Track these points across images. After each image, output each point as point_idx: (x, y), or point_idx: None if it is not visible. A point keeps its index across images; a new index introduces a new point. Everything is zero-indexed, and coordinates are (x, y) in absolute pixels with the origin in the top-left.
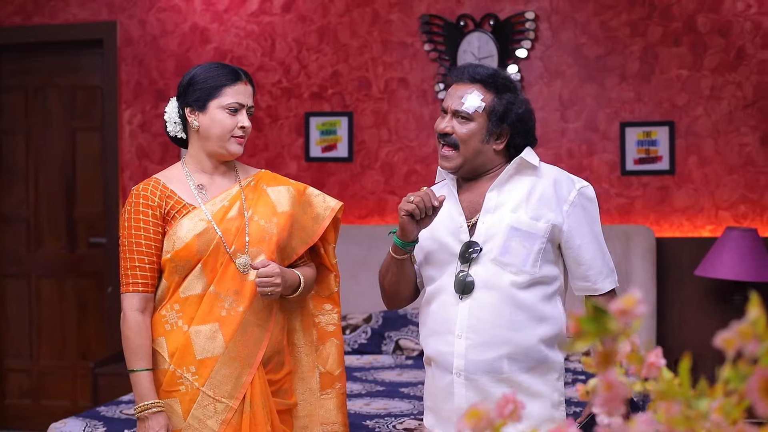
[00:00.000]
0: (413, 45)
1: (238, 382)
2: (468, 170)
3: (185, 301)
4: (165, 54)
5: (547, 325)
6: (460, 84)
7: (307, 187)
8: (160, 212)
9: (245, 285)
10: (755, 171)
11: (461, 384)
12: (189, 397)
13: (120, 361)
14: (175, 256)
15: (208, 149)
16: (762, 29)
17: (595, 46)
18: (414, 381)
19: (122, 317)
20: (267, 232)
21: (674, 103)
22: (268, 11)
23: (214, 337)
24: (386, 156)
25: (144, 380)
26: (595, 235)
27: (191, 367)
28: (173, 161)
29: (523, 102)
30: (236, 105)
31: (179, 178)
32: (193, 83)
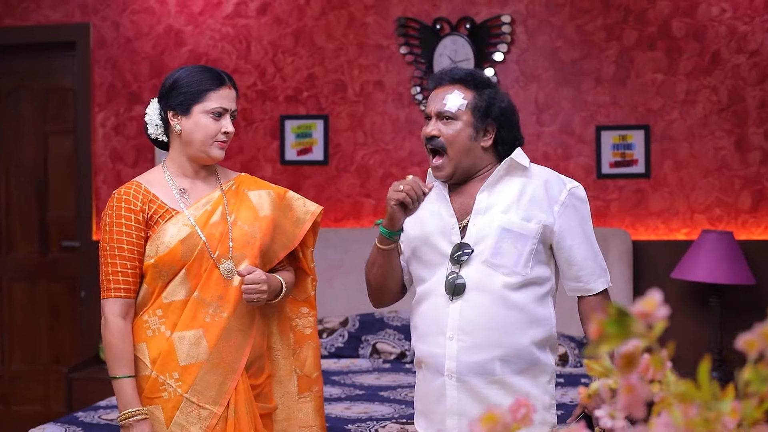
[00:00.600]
0: (389, 48)
1: (222, 388)
2: (460, 174)
3: (168, 306)
4: (139, 56)
5: (539, 327)
6: (439, 87)
7: (287, 191)
8: (143, 217)
9: (229, 290)
10: (730, 174)
11: (453, 386)
12: (172, 404)
13: (94, 366)
14: (159, 261)
15: (190, 153)
16: (737, 34)
17: (570, 49)
18: (393, 385)
19: (104, 323)
20: (250, 237)
21: (649, 107)
22: (244, 14)
23: (198, 343)
24: (362, 159)
25: (127, 387)
26: (586, 236)
27: (174, 373)
28: (147, 164)
29: (504, 96)
30: (220, 110)
31: (161, 182)
32: (177, 86)
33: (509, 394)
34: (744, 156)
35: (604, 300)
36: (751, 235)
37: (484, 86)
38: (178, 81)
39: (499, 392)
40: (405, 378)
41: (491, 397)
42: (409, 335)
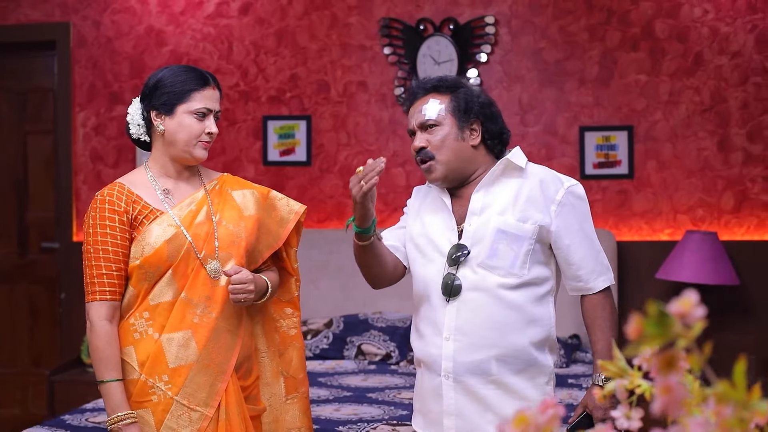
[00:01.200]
0: (372, 48)
1: (212, 389)
2: (454, 177)
3: (155, 308)
4: (120, 56)
5: (537, 327)
6: (415, 102)
7: (270, 190)
8: (127, 218)
9: (216, 291)
10: (713, 175)
11: (450, 386)
12: (162, 407)
13: (76, 368)
14: (145, 262)
15: (173, 154)
16: (719, 35)
17: (554, 50)
18: (380, 386)
19: (89, 327)
20: (236, 237)
21: (633, 107)
22: (225, 14)
23: (187, 345)
24: (345, 160)
25: (115, 391)
26: (585, 234)
27: (164, 375)
28: (128, 165)
29: (479, 91)
30: (204, 110)
31: (144, 183)
32: (161, 86)
33: (506, 394)
34: (727, 157)
35: (605, 298)
36: (733, 236)
37: (456, 87)
38: (161, 80)
39: (496, 392)
40: (392, 379)
41: (488, 397)
42: (393, 336)
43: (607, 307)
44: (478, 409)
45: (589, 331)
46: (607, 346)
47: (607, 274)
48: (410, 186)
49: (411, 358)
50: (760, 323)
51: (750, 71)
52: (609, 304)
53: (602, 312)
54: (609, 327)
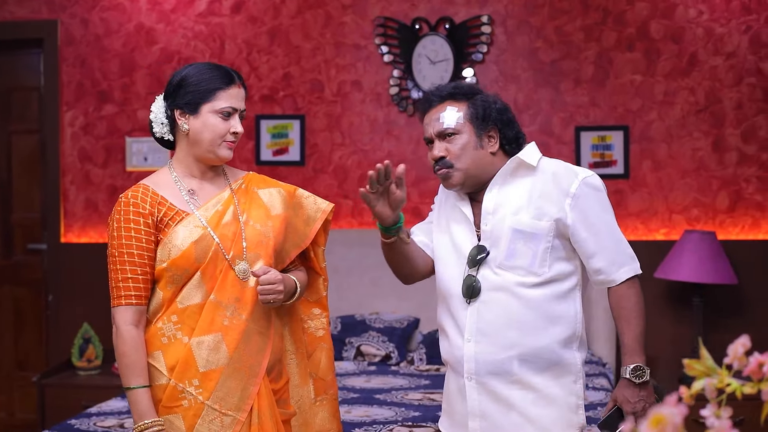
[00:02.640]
0: (367, 47)
1: (244, 393)
2: (472, 183)
3: (184, 311)
4: (108, 54)
5: (561, 325)
6: (430, 110)
7: (296, 188)
8: (153, 220)
9: (245, 292)
10: (708, 175)
11: (473, 387)
12: (193, 412)
13: (66, 371)
14: (172, 264)
15: (197, 153)
16: (714, 36)
17: (549, 50)
18: (385, 387)
19: (115, 332)
20: (264, 236)
21: (628, 107)
22: (217, 12)
23: (217, 348)
24: (339, 160)
25: (143, 398)
26: (604, 224)
27: (194, 380)
28: (117, 165)
29: (494, 97)
30: (230, 109)
31: (168, 184)
32: (185, 84)
33: (530, 394)
34: (721, 157)
35: (629, 289)
36: (728, 235)
37: (473, 94)
38: (186, 79)
39: (520, 393)
40: (395, 380)
41: (511, 398)
42: (392, 337)
43: (632, 298)
44: (501, 410)
45: (617, 323)
46: (635, 339)
47: (630, 264)
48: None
49: (411, 359)
50: (757, 322)
51: (744, 72)
52: (634, 295)
53: (627, 303)
54: (635, 318)
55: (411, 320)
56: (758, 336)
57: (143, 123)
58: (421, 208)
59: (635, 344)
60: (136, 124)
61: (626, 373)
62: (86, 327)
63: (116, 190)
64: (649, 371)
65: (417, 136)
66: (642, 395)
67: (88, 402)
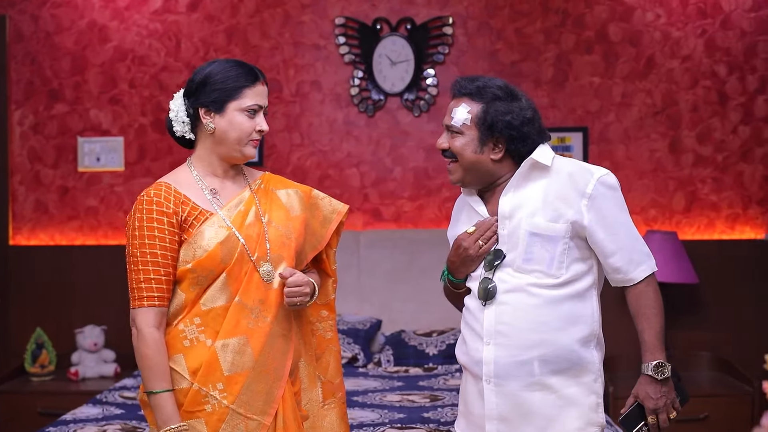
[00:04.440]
0: (326, 47)
1: (269, 397)
2: (474, 181)
3: (207, 314)
4: (60, 52)
5: (580, 324)
6: (453, 99)
7: (312, 189)
8: (177, 219)
9: (270, 294)
10: (665, 176)
11: (491, 391)
12: (216, 417)
13: (20, 377)
14: (197, 266)
15: (222, 152)
16: (671, 39)
17: (509, 52)
18: (360, 389)
19: (136, 335)
20: (286, 238)
21: (587, 109)
22: (173, 9)
23: (243, 351)
24: (298, 161)
25: (167, 402)
26: (621, 224)
27: (218, 384)
28: (69, 165)
29: (517, 109)
30: (256, 107)
31: (189, 183)
32: (210, 82)
33: (550, 395)
34: (678, 158)
35: (647, 286)
36: (684, 236)
37: (494, 99)
38: (210, 76)
39: (539, 394)
40: (366, 382)
41: (530, 400)
42: (357, 339)
43: (650, 295)
44: (520, 413)
45: (636, 321)
46: (655, 336)
47: (647, 262)
48: (364, 187)
49: (378, 360)
50: (716, 321)
51: (700, 75)
52: (652, 292)
53: (646, 301)
54: (655, 315)
55: (374, 321)
56: (716, 334)
57: (96, 122)
58: (381, 210)
59: (656, 341)
60: (89, 123)
61: (648, 369)
62: (39, 332)
63: (67, 191)
64: (670, 367)
65: (377, 137)
66: (664, 391)
67: (43, 409)
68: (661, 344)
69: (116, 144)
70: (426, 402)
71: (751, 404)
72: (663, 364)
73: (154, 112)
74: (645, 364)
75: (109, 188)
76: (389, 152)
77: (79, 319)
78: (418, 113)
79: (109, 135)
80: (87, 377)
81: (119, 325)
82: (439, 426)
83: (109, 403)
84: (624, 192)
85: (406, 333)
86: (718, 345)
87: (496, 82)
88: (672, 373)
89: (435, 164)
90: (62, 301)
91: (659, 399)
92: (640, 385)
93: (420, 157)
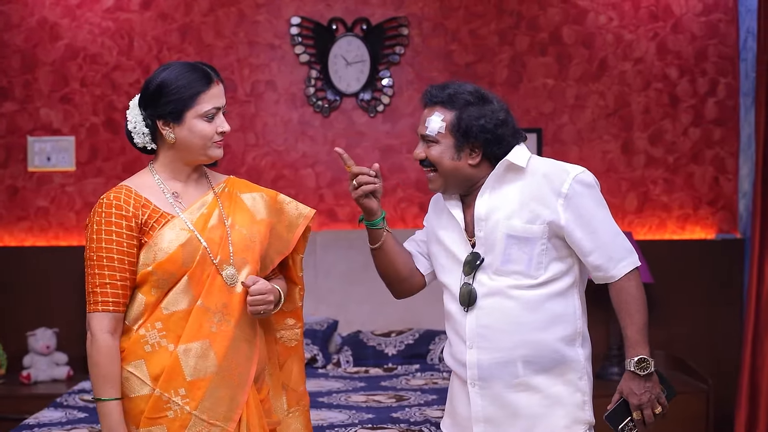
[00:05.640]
0: (281, 47)
1: (233, 403)
2: (454, 188)
3: (169, 318)
4: (9, 50)
5: (562, 323)
6: (425, 108)
7: (278, 193)
8: (136, 223)
9: (233, 298)
10: (617, 177)
11: (477, 394)
12: (179, 423)
13: None
14: (158, 268)
15: (186, 158)
16: (623, 42)
17: (464, 53)
18: (323, 390)
19: (90, 339)
20: (250, 241)
21: (541, 110)
22: (125, 8)
23: (206, 356)
24: (253, 161)
25: (114, 411)
26: (599, 221)
27: (180, 389)
28: (18, 165)
29: (490, 112)
30: (214, 111)
31: (151, 186)
32: (164, 93)
33: (535, 395)
34: (630, 159)
35: (629, 281)
36: (637, 236)
37: (466, 105)
38: (164, 86)
39: (525, 395)
40: (328, 383)
41: (516, 401)
42: (315, 340)
43: (632, 291)
44: (506, 415)
45: (619, 317)
46: (637, 331)
47: (628, 258)
48: (320, 187)
49: (337, 361)
50: (669, 320)
51: (651, 77)
52: (634, 287)
53: (628, 297)
54: (637, 311)
55: (330, 322)
56: (670, 333)
57: (46, 121)
58: (336, 210)
59: (638, 336)
60: (39, 122)
61: (631, 365)
62: None
63: (17, 191)
64: (653, 362)
65: (332, 137)
66: (647, 387)
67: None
68: (644, 339)
69: (67, 143)
70: (392, 402)
71: (706, 401)
72: (646, 360)
73: (106, 112)
74: (628, 360)
75: (60, 188)
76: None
77: (31, 322)
78: (374, 114)
79: (60, 134)
80: (39, 380)
81: (71, 328)
82: (410, 426)
83: (71, 407)
84: None
85: (363, 333)
86: (671, 343)
87: (466, 87)
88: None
89: (390, 165)
90: (13, 304)
91: (643, 395)
92: (624, 381)
93: (375, 158)
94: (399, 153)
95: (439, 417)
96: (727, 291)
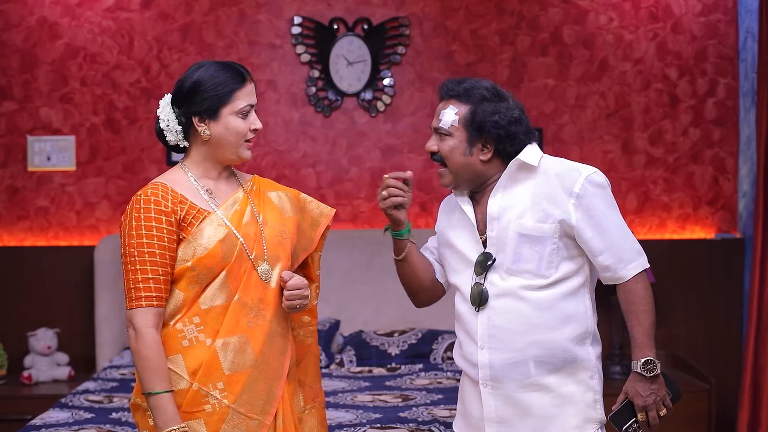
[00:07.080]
0: (282, 47)
1: (270, 396)
2: (465, 184)
3: (207, 313)
4: (8, 49)
5: (573, 323)
6: (440, 102)
7: (299, 192)
8: (175, 218)
9: (268, 293)
10: (617, 177)
11: (489, 394)
12: (217, 417)
13: None
14: (197, 264)
15: (218, 156)
16: (623, 42)
17: (465, 53)
18: (329, 390)
19: (135, 335)
20: (282, 238)
21: (542, 110)
22: (126, 7)
23: (243, 350)
24: (253, 161)
25: (168, 403)
26: (609, 222)
27: (219, 383)
28: (18, 165)
29: (504, 109)
30: (248, 108)
31: (185, 183)
32: (200, 90)
33: (547, 395)
34: (630, 159)
35: (637, 283)
36: (637, 235)
37: (482, 100)
38: (200, 84)
39: (536, 394)
40: (332, 383)
41: (528, 400)
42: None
43: (640, 293)
44: (519, 414)
45: (626, 318)
46: (644, 333)
47: (637, 259)
48: (321, 187)
49: (340, 361)
50: (669, 320)
51: (651, 77)
52: (642, 289)
53: (635, 298)
54: (644, 312)
55: (332, 322)
56: (670, 332)
57: (46, 121)
58: (337, 210)
59: (645, 338)
60: (39, 122)
61: (637, 367)
62: None
63: (17, 191)
64: (659, 364)
65: (333, 137)
66: (653, 388)
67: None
68: (651, 341)
69: (67, 143)
70: (399, 402)
71: (707, 400)
72: (652, 362)
73: (106, 111)
74: (634, 362)
75: (60, 188)
76: (345, 152)
77: (31, 322)
78: (375, 113)
79: (60, 134)
80: (40, 381)
81: (72, 328)
82: (418, 426)
83: (77, 407)
84: None
85: (366, 333)
86: (672, 343)
87: (483, 83)
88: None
89: (391, 164)
90: (13, 304)
91: (648, 396)
92: (629, 382)
93: (376, 158)
94: (400, 153)
95: (447, 416)
96: (726, 290)
